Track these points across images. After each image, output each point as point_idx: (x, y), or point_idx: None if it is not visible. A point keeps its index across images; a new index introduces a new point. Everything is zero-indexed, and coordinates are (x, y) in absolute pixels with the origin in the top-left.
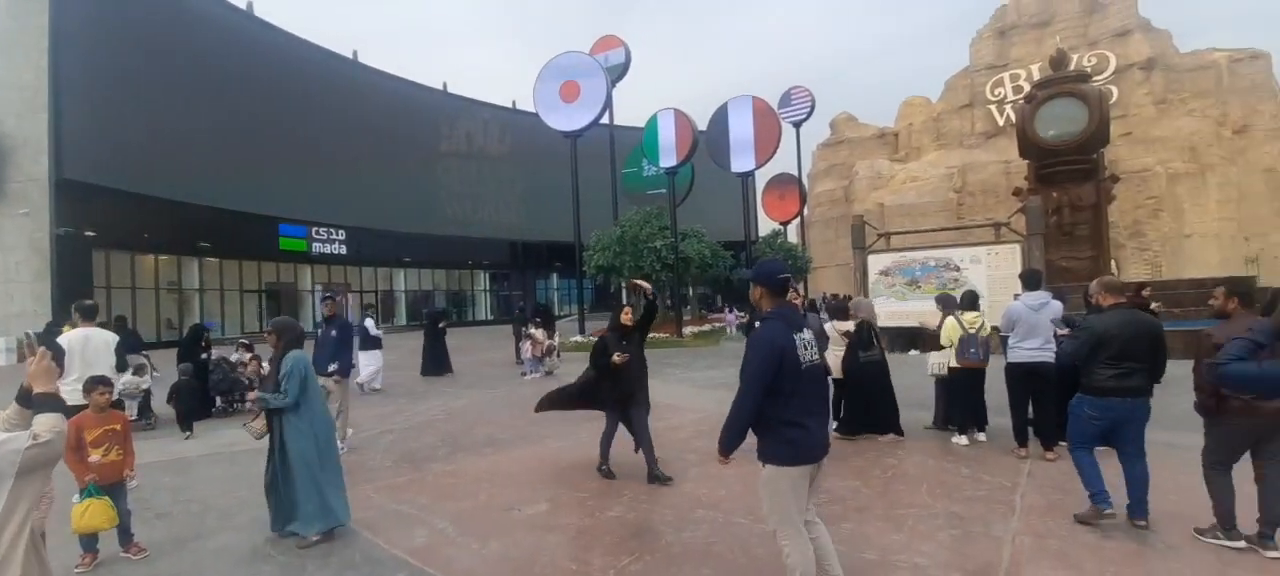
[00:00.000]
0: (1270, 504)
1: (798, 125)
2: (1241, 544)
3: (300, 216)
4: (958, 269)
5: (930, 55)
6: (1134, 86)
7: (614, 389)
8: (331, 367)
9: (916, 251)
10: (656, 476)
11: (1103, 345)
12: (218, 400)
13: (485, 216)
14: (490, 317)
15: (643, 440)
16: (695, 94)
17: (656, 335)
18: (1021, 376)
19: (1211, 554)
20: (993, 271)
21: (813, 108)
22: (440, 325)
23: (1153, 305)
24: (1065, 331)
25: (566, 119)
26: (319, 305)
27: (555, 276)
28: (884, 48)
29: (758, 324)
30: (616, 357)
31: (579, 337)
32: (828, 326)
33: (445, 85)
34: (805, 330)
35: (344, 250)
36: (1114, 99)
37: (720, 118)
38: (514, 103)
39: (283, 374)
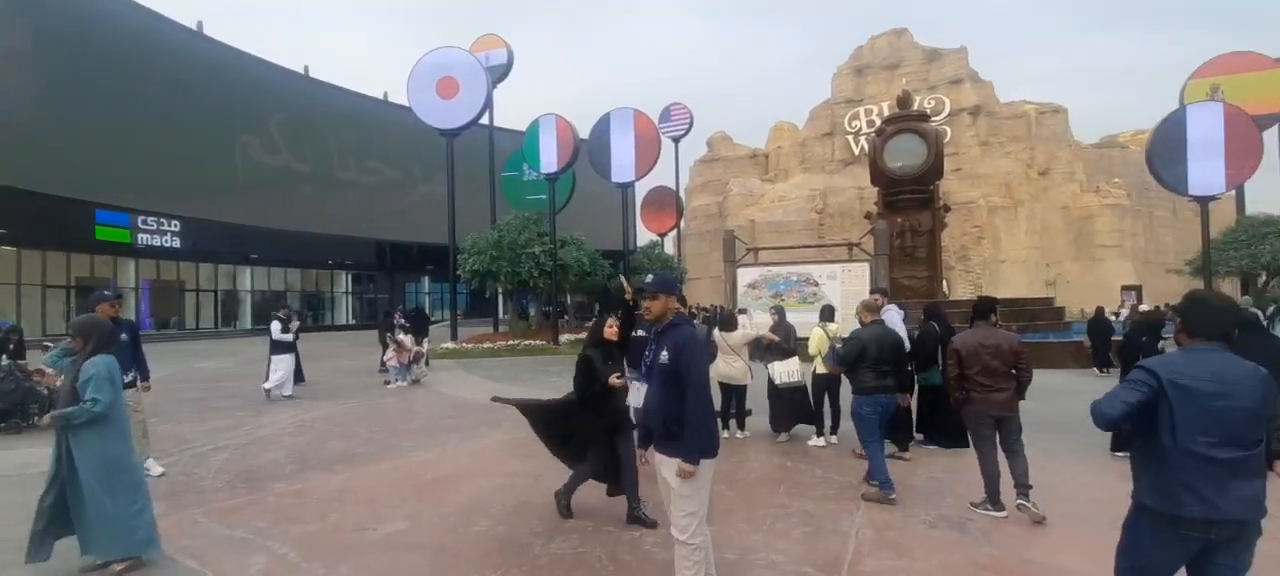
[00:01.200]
0: (1016, 469)
1: (676, 140)
2: (1003, 514)
3: (123, 203)
4: (817, 283)
5: (798, 84)
6: (963, 128)
7: (601, 420)
8: (128, 377)
9: (781, 266)
10: (639, 517)
11: (865, 354)
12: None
13: (349, 213)
14: (353, 322)
15: (628, 477)
16: (577, 102)
17: (532, 342)
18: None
19: (1018, 532)
20: (846, 287)
21: (691, 125)
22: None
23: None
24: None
25: (443, 116)
26: (97, 306)
27: (427, 279)
28: (759, 73)
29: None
30: (614, 378)
31: (451, 344)
32: (716, 336)
33: (307, 69)
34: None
35: (177, 243)
36: (948, 138)
37: (602, 128)
38: (386, 94)
39: (82, 381)
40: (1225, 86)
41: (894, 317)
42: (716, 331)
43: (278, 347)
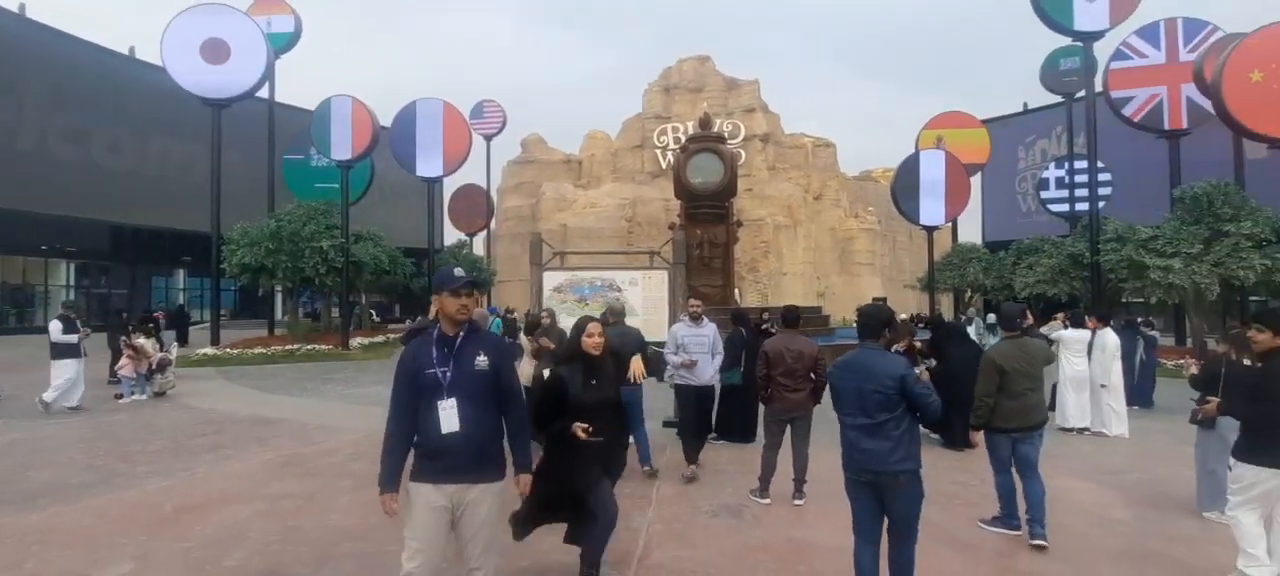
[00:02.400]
0: (798, 465)
1: (489, 138)
2: (768, 501)
3: None
4: (619, 289)
5: (612, 96)
6: (755, 153)
7: (580, 468)
8: None
9: (587, 271)
10: None
11: (613, 354)
12: None
13: (75, 189)
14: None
15: (599, 533)
16: (379, 90)
17: (319, 346)
18: (690, 395)
19: (783, 515)
20: (647, 293)
21: (504, 124)
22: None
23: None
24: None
25: (210, 84)
26: None
27: (182, 273)
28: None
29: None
30: (579, 429)
31: (212, 349)
32: (522, 340)
33: (23, 8)
34: None
35: None
36: (742, 160)
37: (407, 118)
38: (133, 50)
39: None
40: (947, 138)
41: (710, 327)
42: (521, 335)
43: (59, 351)
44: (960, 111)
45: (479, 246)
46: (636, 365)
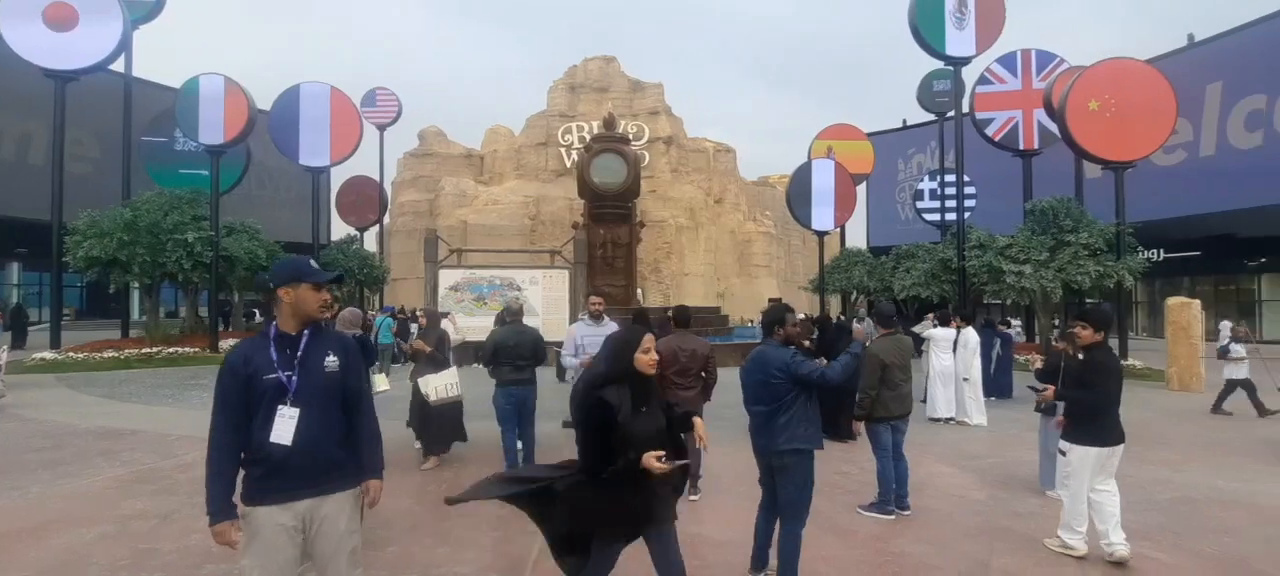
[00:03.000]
0: (692, 463)
1: (382, 128)
2: None
3: None
4: (520, 288)
5: (515, 92)
6: (659, 155)
7: (629, 503)
8: None
9: (485, 270)
10: None
11: (501, 351)
12: None
13: None
14: None
15: None
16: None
17: (183, 349)
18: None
19: (679, 512)
20: (547, 292)
21: (399, 113)
22: None
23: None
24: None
25: (53, 52)
26: None
27: (17, 267)
28: (479, 75)
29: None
30: (655, 462)
31: (52, 354)
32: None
33: None
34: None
35: None
36: (646, 162)
37: (289, 102)
38: None
39: None
40: (836, 148)
41: (612, 327)
42: (414, 337)
43: None
44: (848, 124)
45: (371, 242)
46: (700, 427)
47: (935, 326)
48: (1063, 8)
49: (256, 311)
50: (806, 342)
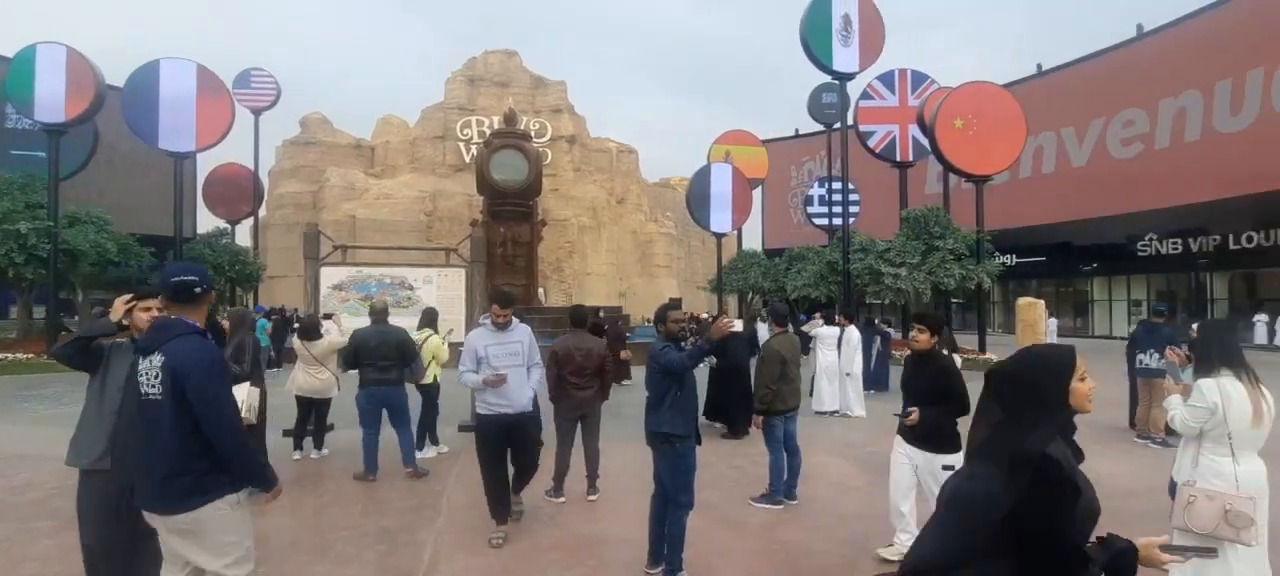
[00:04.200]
0: (590, 461)
1: (257, 112)
2: (563, 499)
3: None
4: (412, 287)
5: (410, 81)
6: (562, 153)
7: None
8: None
9: (374, 268)
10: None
11: (365, 350)
12: None
13: None
14: None
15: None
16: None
17: (18, 354)
18: (496, 431)
19: (577, 512)
20: (443, 291)
21: (277, 97)
22: None
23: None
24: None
25: None
26: None
27: None
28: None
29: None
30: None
31: None
32: (296, 345)
33: None
34: (155, 353)
35: None
36: (548, 160)
37: (146, 78)
38: None
39: None
40: (733, 153)
41: (521, 331)
42: (296, 339)
43: None
44: (745, 131)
45: (243, 236)
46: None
47: (822, 325)
48: (935, 33)
49: (97, 311)
50: (688, 337)
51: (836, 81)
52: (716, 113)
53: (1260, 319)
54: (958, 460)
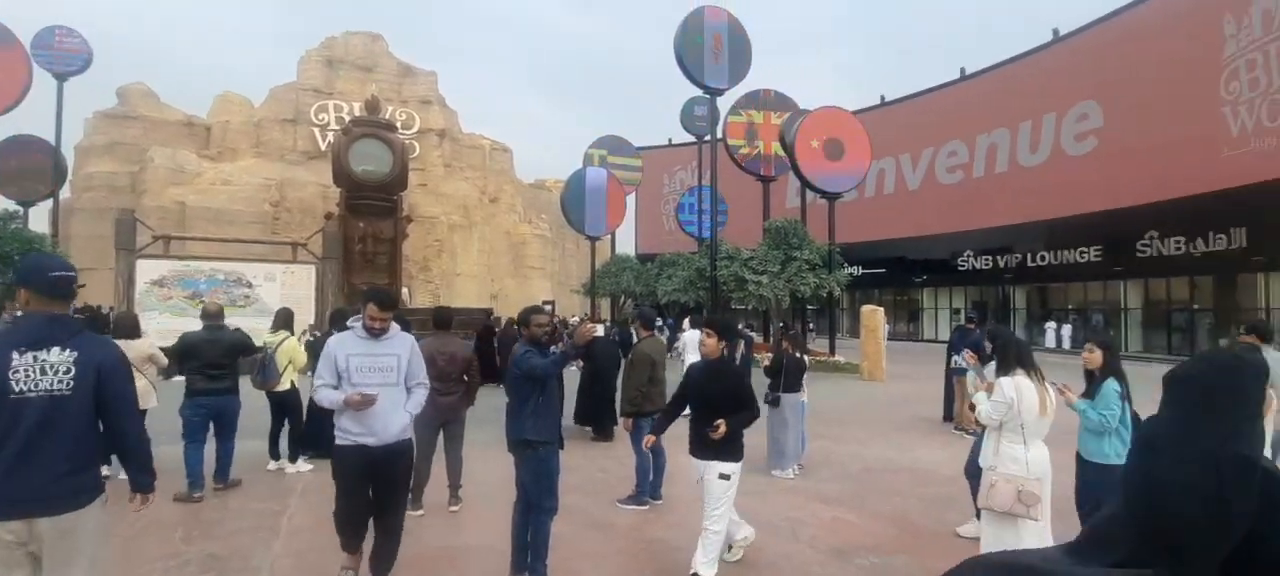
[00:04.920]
0: (452, 469)
1: (61, 77)
2: (421, 512)
3: None
4: (251, 285)
5: (256, 56)
6: (431, 148)
7: None
8: None
9: (204, 262)
10: None
11: (193, 355)
12: None
13: None
14: None
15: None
16: None
17: None
18: (357, 465)
19: (437, 523)
20: (288, 290)
21: (88, 61)
22: None
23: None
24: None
25: None
26: None
27: None
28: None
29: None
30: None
31: None
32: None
33: None
34: (52, 348)
35: None
36: (416, 153)
37: None
38: None
39: None
40: (609, 159)
41: (402, 341)
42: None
43: None
44: (620, 137)
45: (39, 220)
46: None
47: (689, 329)
48: (797, 58)
49: None
50: (549, 340)
51: (707, 95)
52: (592, 117)
53: (1050, 326)
54: (734, 471)
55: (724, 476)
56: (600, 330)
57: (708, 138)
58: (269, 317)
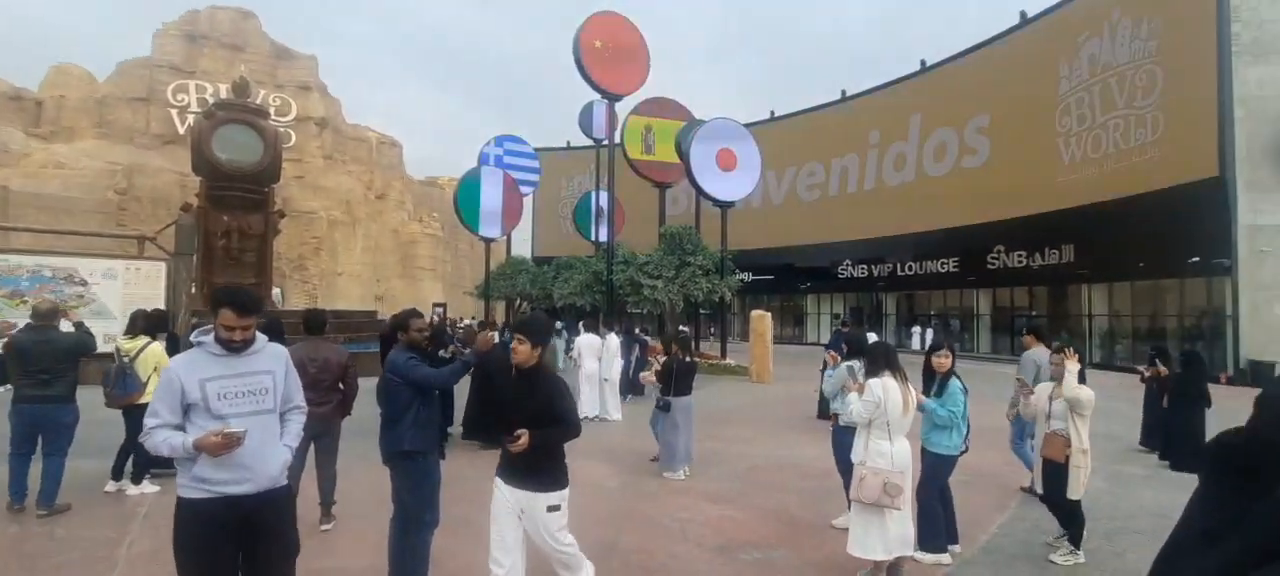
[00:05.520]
0: (324, 485)
1: None
2: None
3: None
4: (85, 283)
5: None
6: (309, 138)
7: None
8: None
9: (27, 256)
10: None
11: (20, 359)
12: None
13: None
14: None
15: None
16: None
17: None
18: (215, 519)
19: (308, 544)
20: (131, 288)
21: None
22: None
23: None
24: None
25: None
26: None
27: None
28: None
29: None
30: None
31: None
32: None
33: None
34: None
35: None
36: (291, 142)
37: None
38: None
39: None
40: (507, 159)
41: (273, 356)
42: None
43: None
44: (519, 138)
45: None
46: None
47: (583, 333)
48: (694, 71)
49: None
50: (457, 348)
51: (605, 99)
52: (491, 116)
53: (916, 329)
54: (562, 498)
55: (554, 508)
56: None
57: (605, 142)
58: (107, 320)
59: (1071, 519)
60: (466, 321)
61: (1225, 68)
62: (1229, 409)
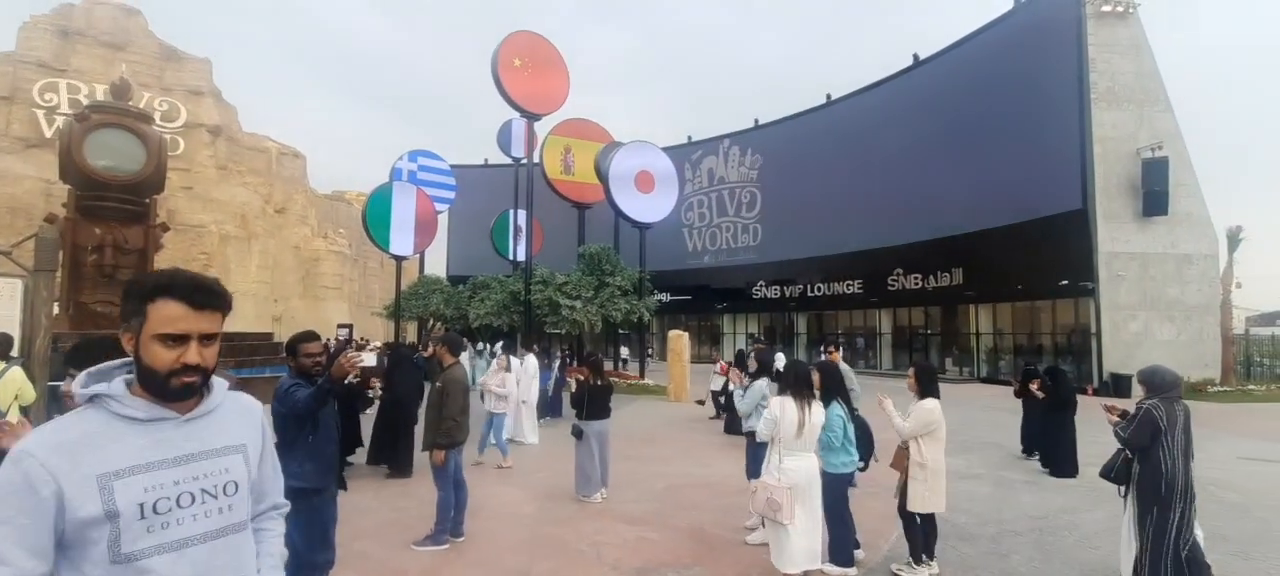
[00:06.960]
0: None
1: None
2: None
3: None
4: None
5: None
6: (200, 146)
7: None
8: None
9: None
10: None
11: None
12: None
13: None
14: None
15: None
16: None
17: None
18: None
19: None
20: None
21: None
22: None
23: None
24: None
25: None
26: None
27: None
28: None
29: None
30: None
31: None
32: None
33: None
34: None
35: None
36: (179, 150)
37: None
38: None
39: None
40: (421, 174)
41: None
42: None
43: None
44: (434, 153)
45: None
46: None
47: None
48: (615, 98)
49: None
50: (322, 372)
51: (524, 118)
52: (405, 131)
53: (826, 348)
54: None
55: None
56: (368, 358)
57: (524, 161)
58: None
59: (907, 531)
60: (371, 346)
61: (1085, 111)
62: (1096, 418)
